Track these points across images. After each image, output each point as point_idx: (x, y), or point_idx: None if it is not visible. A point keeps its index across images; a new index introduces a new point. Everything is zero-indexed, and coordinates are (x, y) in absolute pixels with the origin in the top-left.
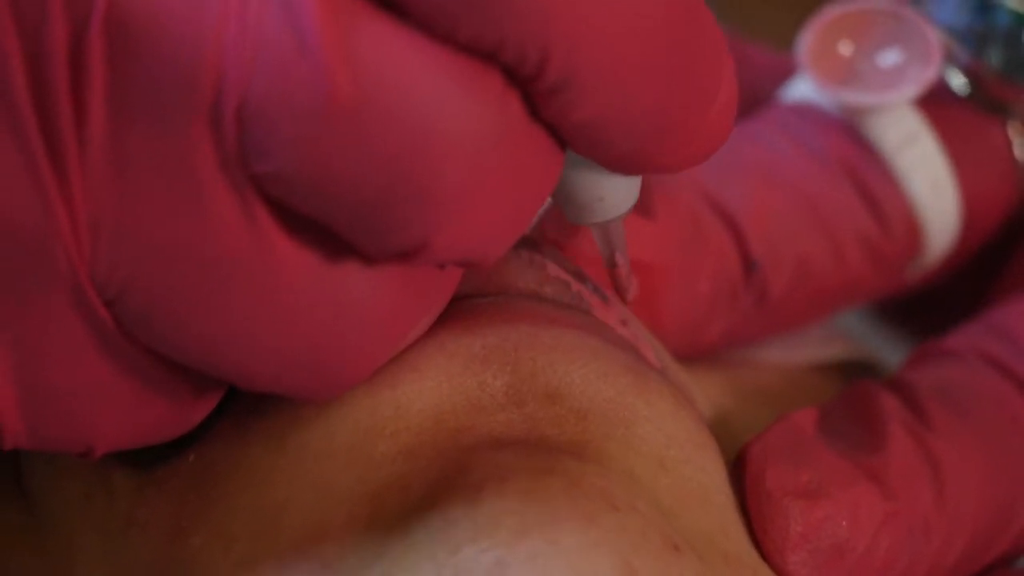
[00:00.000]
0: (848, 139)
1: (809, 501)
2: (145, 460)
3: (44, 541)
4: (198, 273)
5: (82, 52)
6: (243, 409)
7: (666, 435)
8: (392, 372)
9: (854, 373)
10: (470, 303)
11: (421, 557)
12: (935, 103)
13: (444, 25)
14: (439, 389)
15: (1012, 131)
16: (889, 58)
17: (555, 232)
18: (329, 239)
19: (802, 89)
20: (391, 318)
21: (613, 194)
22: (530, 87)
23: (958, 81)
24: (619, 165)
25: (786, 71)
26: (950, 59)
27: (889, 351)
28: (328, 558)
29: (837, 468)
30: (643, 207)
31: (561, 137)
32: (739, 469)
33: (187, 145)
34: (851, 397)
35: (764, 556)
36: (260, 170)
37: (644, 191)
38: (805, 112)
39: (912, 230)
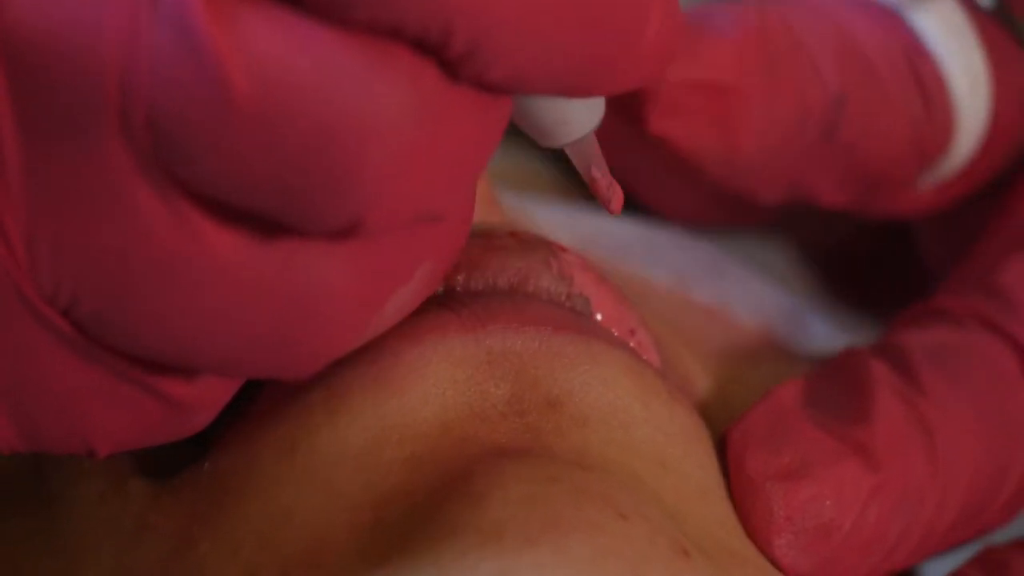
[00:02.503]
0: (900, 25)
1: (791, 483)
2: (162, 469)
3: (57, 543)
4: (139, 276)
5: None
6: (256, 416)
7: (664, 434)
8: (399, 377)
9: None
10: (482, 303)
11: (426, 563)
12: (972, 9)
13: (337, 10)
14: (444, 397)
15: None
16: None
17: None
18: (268, 230)
19: None
20: (356, 292)
21: (575, 116)
22: (441, 56)
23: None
24: (565, 96)
25: None
26: None
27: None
28: (330, 565)
29: (820, 445)
30: (720, 30)
31: (488, 87)
32: (722, 455)
33: (103, 157)
34: (839, 364)
35: (752, 540)
36: (180, 173)
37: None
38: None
39: (948, 124)
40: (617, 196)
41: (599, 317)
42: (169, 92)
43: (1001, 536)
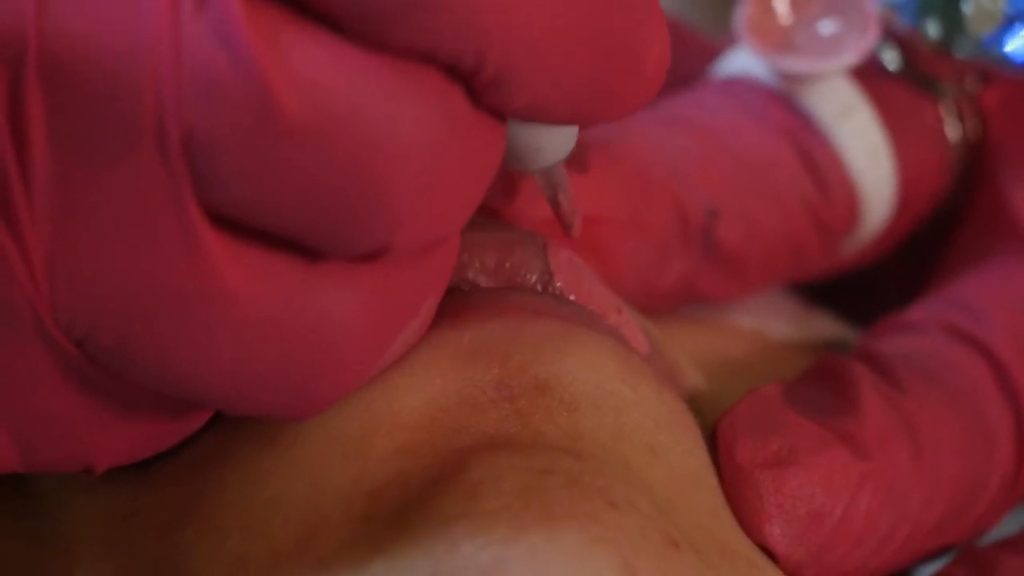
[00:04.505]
0: (786, 109)
1: (780, 470)
2: None
3: (49, 539)
4: (154, 308)
5: (20, 93)
6: None
7: (654, 419)
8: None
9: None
10: (460, 295)
11: (419, 554)
12: (870, 77)
13: (376, 34)
14: (430, 385)
15: (943, 110)
16: (827, 28)
17: (496, 198)
18: (288, 262)
19: (738, 62)
20: (369, 328)
21: (551, 143)
22: (470, 81)
23: (891, 57)
24: (571, 123)
25: (718, 52)
26: (887, 29)
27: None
28: (324, 553)
29: (808, 433)
30: (581, 164)
31: (503, 115)
32: (712, 445)
33: (134, 178)
34: (819, 367)
35: (744, 530)
36: (215, 197)
37: (581, 149)
38: (741, 84)
39: (850, 200)
40: (579, 222)
41: (583, 302)
42: (211, 110)
43: (986, 539)
